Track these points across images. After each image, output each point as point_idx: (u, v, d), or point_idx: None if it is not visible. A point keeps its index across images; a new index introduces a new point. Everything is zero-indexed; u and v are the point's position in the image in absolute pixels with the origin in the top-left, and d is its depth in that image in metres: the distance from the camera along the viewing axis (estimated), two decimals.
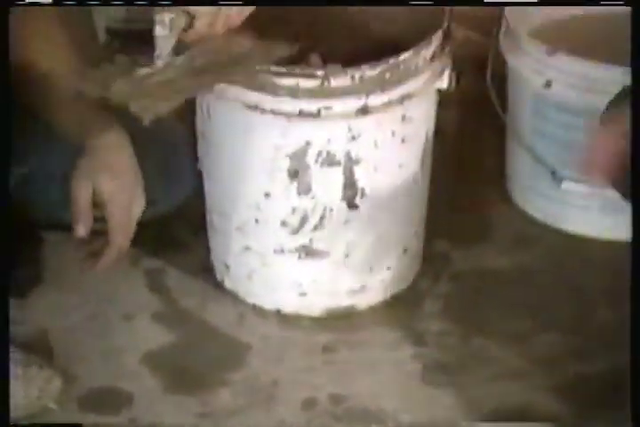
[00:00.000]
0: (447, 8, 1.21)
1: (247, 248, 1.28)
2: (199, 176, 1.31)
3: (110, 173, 1.17)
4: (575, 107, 1.32)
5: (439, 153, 1.32)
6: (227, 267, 1.32)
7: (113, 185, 1.17)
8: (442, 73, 1.20)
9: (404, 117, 1.19)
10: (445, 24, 1.19)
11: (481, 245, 1.42)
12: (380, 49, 1.23)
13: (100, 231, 1.19)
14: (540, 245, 1.42)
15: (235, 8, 1.13)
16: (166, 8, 1.11)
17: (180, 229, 1.42)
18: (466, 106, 1.58)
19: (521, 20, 1.38)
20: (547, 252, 1.42)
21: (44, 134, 1.24)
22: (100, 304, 1.31)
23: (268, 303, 1.33)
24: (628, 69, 1.19)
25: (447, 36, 1.20)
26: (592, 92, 1.27)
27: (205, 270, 1.37)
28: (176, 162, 1.33)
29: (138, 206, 1.20)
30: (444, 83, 1.21)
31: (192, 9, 1.11)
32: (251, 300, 1.33)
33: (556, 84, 1.32)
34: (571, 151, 1.33)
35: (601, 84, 1.27)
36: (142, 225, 1.22)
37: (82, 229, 1.17)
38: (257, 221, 1.25)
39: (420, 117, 1.23)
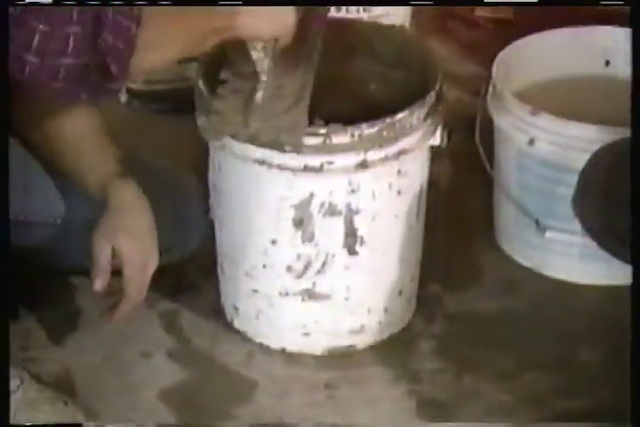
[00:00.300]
0: (440, 73, 1.24)
1: (255, 291, 1.32)
2: (210, 225, 1.35)
3: (129, 235, 1.22)
4: (557, 162, 1.34)
5: (433, 204, 1.34)
6: (236, 309, 1.36)
7: (131, 246, 1.22)
8: (434, 131, 1.24)
9: (399, 172, 1.23)
10: (437, 86, 1.23)
11: (471, 289, 1.44)
12: (377, 107, 1.27)
13: (116, 285, 1.23)
14: (525, 289, 1.45)
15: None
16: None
17: (192, 273, 1.45)
18: (457, 161, 1.59)
19: (507, 82, 1.40)
20: (532, 295, 1.44)
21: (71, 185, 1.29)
22: (119, 344, 1.34)
23: (274, 343, 1.35)
24: (605, 128, 1.29)
25: (439, 98, 1.24)
26: (572, 150, 1.30)
27: (216, 312, 1.39)
28: (188, 212, 1.36)
29: (152, 265, 1.24)
30: (436, 140, 1.25)
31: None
32: (258, 339, 1.36)
33: (539, 142, 1.34)
34: (553, 203, 1.37)
35: (580, 141, 1.30)
36: (158, 270, 1.25)
37: (99, 285, 1.21)
38: (264, 266, 1.29)
39: (415, 172, 1.26)
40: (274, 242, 1.26)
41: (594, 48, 1.40)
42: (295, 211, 1.23)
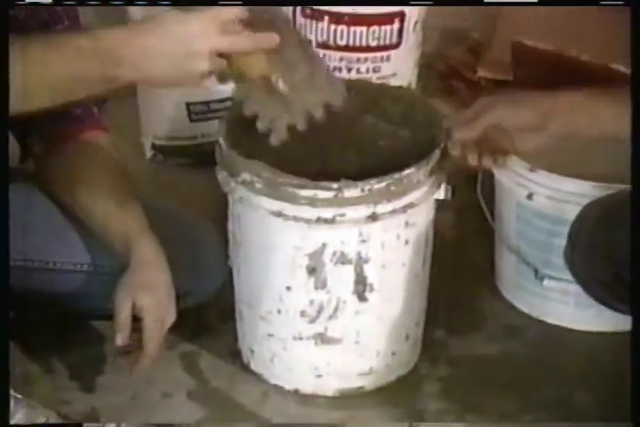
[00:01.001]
0: (444, 131, 1.26)
1: (270, 335, 1.35)
2: (228, 272, 1.38)
3: (148, 291, 1.25)
4: (554, 215, 1.37)
5: (438, 253, 1.37)
6: (252, 351, 1.39)
7: (150, 302, 1.25)
8: (439, 186, 1.27)
9: (407, 223, 1.26)
10: (442, 144, 1.26)
11: (474, 334, 1.47)
12: (386, 163, 1.30)
13: (133, 337, 1.25)
14: (525, 334, 1.48)
15: None
16: None
17: (211, 317, 1.48)
18: (461, 212, 1.62)
19: None
20: (531, 340, 1.47)
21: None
22: (143, 385, 1.36)
23: (288, 384, 1.38)
24: (599, 185, 1.31)
25: (444, 155, 1.26)
26: (568, 204, 1.33)
27: (233, 354, 1.42)
28: (207, 259, 1.39)
29: (169, 320, 1.27)
30: (441, 194, 1.28)
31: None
32: (273, 381, 1.39)
33: (537, 196, 1.37)
34: (550, 254, 1.40)
35: (575, 196, 1.32)
36: (178, 314, 1.28)
37: (120, 340, 1.24)
38: (279, 311, 1.32)
39: (421, 223, 1.29)
40: (288, 288, 1.30)
41: None
42: (309, 259, 1.26)
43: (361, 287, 1.29)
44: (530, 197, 1.38)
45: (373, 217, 1.23)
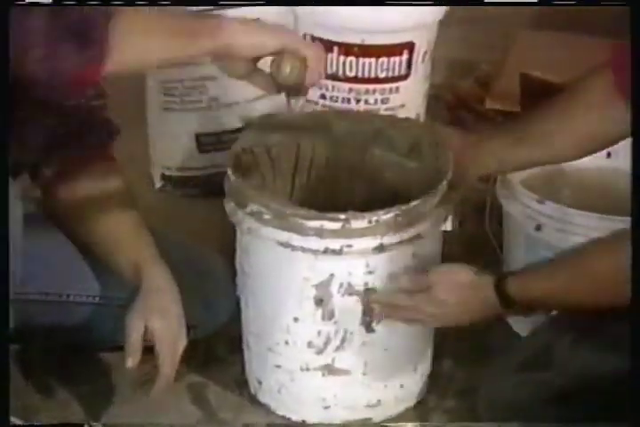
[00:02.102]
0: (450, 165, 1.26)
1: (277, 366, 1.35)
2: (236, 303, 1.38)
3: (160, 315, 1.27)
4: (562, 247, 1.32)
5: None
6: (259, 382, 1.39)
7: (162, 325, 1.27)
8: (446, 218, 1.27)
9: (414, 254, 1.27)
10: (449, 175, 1.26)
11: (482, 366, 1.41)
12: (392, 193, 1.32)
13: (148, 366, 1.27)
14: None
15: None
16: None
17: (219, 348, 1.48)
18: (469, 243, 1.61)
19: (516, 172, 1.41)
20: None
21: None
22: (150, 416, 1.37)
23: (295, 415, 1.39)
24: (606, 217, 1.33)
25: (451, 187, 1.27)
26: (576, 236, 1.34)
27: (241, 385, 1.43)
28: (215, 291, 1.40)
29: (182, 343, 1.29)
30: (447, 226, 1.28)
31: (280, 48, 1.12)
32: (280, 412, 1.39)
33: (546, 228, 1.38)
34: None
35: (583, 229, 1.34)
36: (186, 346, 1.28)
37: (131, 362, 1.25)
38: (287, 342, 1.32)
39: (428, 254, 1.29)
40: (296, 319, 1.30)
41: None
42: (316, 290, 1.27)
43: (368, 318, 1.29)
44: (538, 228, 1.39)
45: (380, 248, 1.23)
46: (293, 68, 1.12)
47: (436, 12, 1.76)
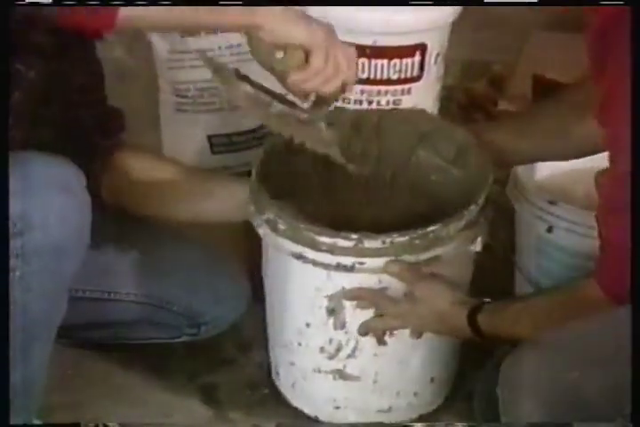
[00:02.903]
0: (488, 184, 1.22)
1: (292, 363, 1.37)
2: (247, 302, 1.40)
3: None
4: (573, 249, 1.38)
5: None
6: (277, 373, 1.41)
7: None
8: (474, 240, 1.22)
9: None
10: (481, 199, 1.22)
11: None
12: (437, 198, 1.33)
13: None
14: None
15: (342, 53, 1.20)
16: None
17: (230, 349, 1.49)
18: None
19: (527, 172, 1.44)
20: None
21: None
22: (162, 415, 1.38)
23: (308, 410, 1.40)
24: None
25: (483, 209, 1.22)
26: (588, 237, 1.31)
27: (252, 386, 1.44)
28: (228, 290, 1.40)
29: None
30: (477, 247, 1.23)
31: (307, 44, 1.15)
32: (295, 403, 1.40)
33: (557, 230, 1.38)
34: None
35: (595, 230, 1.22)
36: (198, 346, 1.33)
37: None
38: (299, 344, 1.33)
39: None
40: (308, 325, 1.30)
41: None
42: (328, 301, 1.27)
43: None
44: (550, 230, 1.39)
45: (393, 261, 1.21)
46: (295, 60, 1.14)
47: (448, 14, 1.75)
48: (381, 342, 1.29)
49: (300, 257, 1.22)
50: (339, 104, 1.73)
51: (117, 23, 1.07)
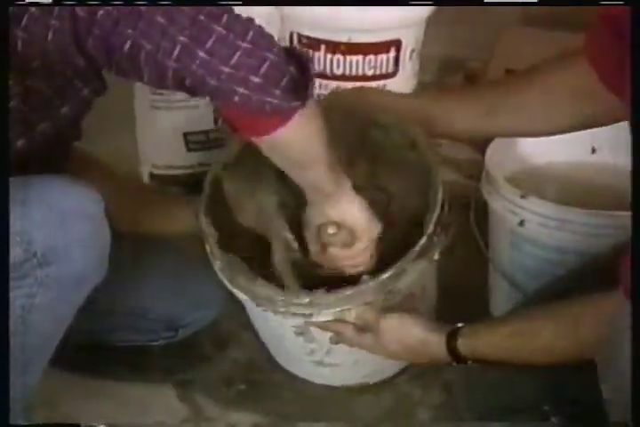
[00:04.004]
0: (435, 215, 1.21)
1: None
2: (223, 302, 1.39)
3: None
4: (546, 243, 1.37)
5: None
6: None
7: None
8: (431, 258, 1.23)
9: (390, 291, 1.21)
10: (427, 233, 1.19)
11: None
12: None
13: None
14: None
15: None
16: None
17: (206, 346, 1.49)
18: (454, 239, 1.49)
19: (499, 166, 1.42)
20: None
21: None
22: (137, 412, 1.37)
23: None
24: (590, 212, 1.31)
25: (436, 229, 1.21)
26: (560, 231, 1.34)
27: (228, 382, 1.43)
28: (203, 291, 1.39)
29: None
30: (435, 257, 1.24)
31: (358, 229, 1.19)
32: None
33: (529, 223, 1.36)
34: (544, 282, 1.36)
35: (567, 224, 1.32)
36: (174, 344, 1.33)
37: None
38: (278, 344, 1.39)
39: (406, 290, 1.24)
40: (281, 337, 1.34)
41: (581, 136, 1.38)
42: (295, 328, 1.28)
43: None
44: (522, 223, 1.38)
45: (349, 309, 1.22)
46: (344, 238, 1.19)
47: (422, 10, 1.76)
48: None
49: (257, 305, 1.23)
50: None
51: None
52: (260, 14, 1.71)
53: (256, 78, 0.97)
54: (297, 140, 1.06)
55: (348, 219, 1.19)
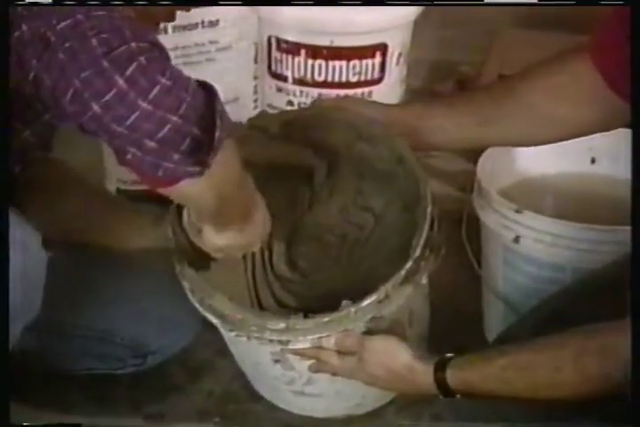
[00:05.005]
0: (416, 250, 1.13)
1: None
2: (195, 329, 1.34)
3: None
4: (542, 260, 1.33)
5: None
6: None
7: None
8: (419, 282, 1.16)
9: (373, 317, 1.14)
10: (418, 251, 1.13)
11: None
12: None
13: None
14: None
15: None
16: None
17: (178, 376, 1.43)
18: (445, 257, 1.44)
19: (492, 179, 1.39)
20: None
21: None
22: None
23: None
24: (589, 227, 1.28)
25: (424, 252, 1.14)
26: (557, 247, 1.30)
27: (202, 415, 1.38)
28: (174, 315, 1.34)
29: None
30: (423, 280, 1.17)
31: None
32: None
33: (525, 240, 1.33)
34: (537, 299, 1.32)
35: (564, 239, 1.29)
36: (144, 373, 1.27)
37: None
38: (255, 372, 1.33)
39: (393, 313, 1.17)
40: (258, 364, 1.29)
41: (580, 146, 1.39)
42: (271, 355, 1.23)
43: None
44: (516, 240, 1.34)
45: (328, 335, 1.15)
46: None
47: (409, 12, 1.72)
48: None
49: (230, 330, 1.17)
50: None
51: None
52: (235, 21, 1.68)
53: (151, 143, 0.91)
54: (200, 191, 1.00)
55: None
